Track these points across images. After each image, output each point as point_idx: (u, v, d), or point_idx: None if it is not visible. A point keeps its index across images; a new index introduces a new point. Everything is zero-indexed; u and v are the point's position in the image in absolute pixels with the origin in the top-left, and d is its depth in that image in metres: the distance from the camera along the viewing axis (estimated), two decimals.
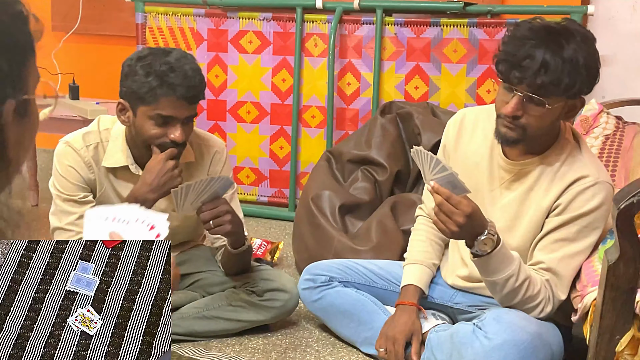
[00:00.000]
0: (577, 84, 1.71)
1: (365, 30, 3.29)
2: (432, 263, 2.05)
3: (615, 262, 1.44)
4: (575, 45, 1.71)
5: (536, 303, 1.82)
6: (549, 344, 1.83)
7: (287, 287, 2.16)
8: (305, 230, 2.71)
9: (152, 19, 3.52)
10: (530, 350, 1.78)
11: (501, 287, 1.80)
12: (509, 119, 1.75)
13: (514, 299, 1.81)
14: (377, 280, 2.14)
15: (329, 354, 2.10)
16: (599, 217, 1.81)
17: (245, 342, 2.14)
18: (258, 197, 3.55)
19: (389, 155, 2.86)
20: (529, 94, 1.71)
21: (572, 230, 1.81)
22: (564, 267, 1.82)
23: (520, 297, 1.80)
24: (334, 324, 2.15)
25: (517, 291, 1.80)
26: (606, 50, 3.21)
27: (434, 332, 1.95)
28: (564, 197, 1.82)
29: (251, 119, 3.50)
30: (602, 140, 2.58)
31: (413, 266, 2.05)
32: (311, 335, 2.21)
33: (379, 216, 2.63)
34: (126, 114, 1.96)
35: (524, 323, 1.81)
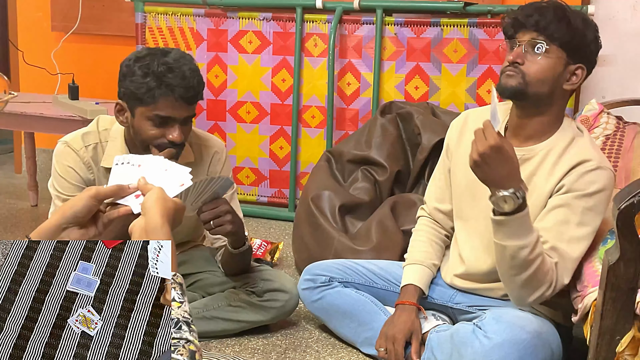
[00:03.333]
0: (576, 40, 1.81)
1: (365, 30, 3.29)
2: (432, 263, 2.05)
3: (615, 262, 1.44)
4: (578, 14, 1.85)
5: (541, 284, 1.76)
6: (549, 343, 1.83)
7: (287, 287, 2.16)
8: (305, 230, 2.71)
9: (151, 19, 3.52)
10: (529, 349, 1.78)
11: (511, 256, 1.72)
12: (510, 66, 1.81)
13: (520, 273, 1.74)
14: (377, 280, 2.14)
15: (328, 355, 2.09)
16: (602, 200, 1.80)
17: (245, 343, 2.14)
18: (258, 198, 3.55)
19: (389, 155, 2.85)
20: (530, 40, 1.81)
21: (577, 211, 1.79)
22: (571, 250, 1.79)
23: (528, 274, 1.73)
24: (334, 324, 2.15)
25: (525, 266, 1.72)
26: (606, 50, 3.19)
27: (434, 332, 1.95)
28: (568, 178, 1.81)
29: (251, 119, 3.50)
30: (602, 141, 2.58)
31: (413, 266, 2.05)
32: (311, 335, 2.21)
33: (379, 216, 2.63)
34: (124, 114, 1.96)
35: (523, 323, 1.81)
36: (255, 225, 3.30)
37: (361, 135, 2.96)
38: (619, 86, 3.16)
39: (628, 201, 1.39)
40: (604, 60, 3.21)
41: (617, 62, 3.19)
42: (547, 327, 1.86)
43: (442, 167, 2.08)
